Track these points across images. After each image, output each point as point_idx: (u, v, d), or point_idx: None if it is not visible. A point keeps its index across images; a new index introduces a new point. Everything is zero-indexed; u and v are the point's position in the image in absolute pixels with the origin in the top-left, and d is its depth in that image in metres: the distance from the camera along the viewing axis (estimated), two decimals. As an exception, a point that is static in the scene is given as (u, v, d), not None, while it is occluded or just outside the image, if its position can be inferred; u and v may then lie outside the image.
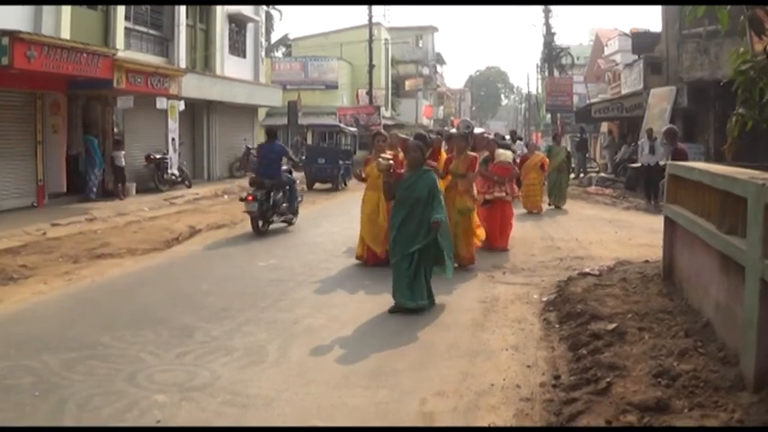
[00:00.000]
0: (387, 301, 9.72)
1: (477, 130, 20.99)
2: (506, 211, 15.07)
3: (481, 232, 13.69)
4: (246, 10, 34.80)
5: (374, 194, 12.53)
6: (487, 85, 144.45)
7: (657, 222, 11.71)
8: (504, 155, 15.58)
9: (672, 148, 17.10)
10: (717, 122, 23.91)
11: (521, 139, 35.12)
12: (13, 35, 17.25)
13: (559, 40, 54.86)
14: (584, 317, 8.35)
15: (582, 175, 36.18)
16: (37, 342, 8.04)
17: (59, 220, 17.72)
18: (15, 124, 20.39)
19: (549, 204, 22.92)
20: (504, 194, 14.90)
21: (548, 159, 22.48)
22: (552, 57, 52.98)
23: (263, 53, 38.85)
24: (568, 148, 26.97)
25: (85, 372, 7.07)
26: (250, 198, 16.66)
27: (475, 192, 13.35)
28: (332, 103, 50.44)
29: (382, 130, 15.33)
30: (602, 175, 34.37)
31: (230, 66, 33.32)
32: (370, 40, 50.21)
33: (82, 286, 11.36)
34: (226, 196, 26.52)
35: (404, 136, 15.23)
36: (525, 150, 24.12)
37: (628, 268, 11.12)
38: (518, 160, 20.38)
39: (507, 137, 29.07)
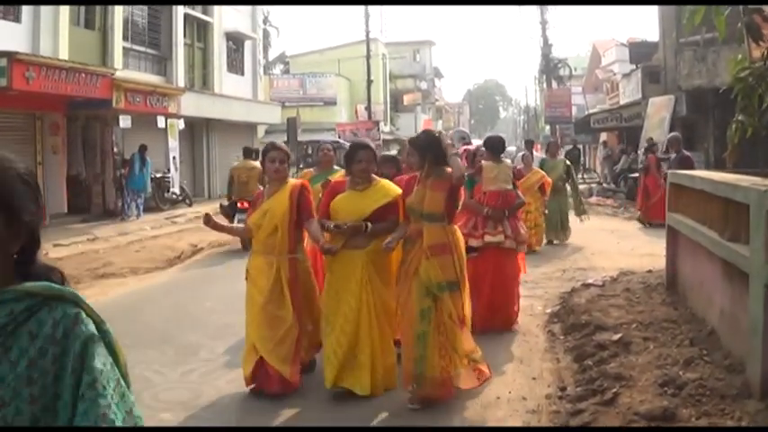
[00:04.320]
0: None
1: (475, 143, 18.65)
2: (505, 268, 9.43)
3: (468, 344, 6.96)
4: (244, 28, 34.85)
5: (266, 261, 7.00)
6: (486, 98, 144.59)
7: (659, 232, 11.70)
8: (499, 170, 9.64)
9: (678, 155, 17.08)
10: (716, 130, 23.90)
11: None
12: (11, 56, 17.29)
13: (557, 52, 54.98)
14: (588, 328, 8.35)
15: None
16: (41, 363, 8.03)
17: (61, 241, 17.71)
18: (15, 145, 20.32)
19: (548, 241, 17.18)
20: (501, 238, 9.27)
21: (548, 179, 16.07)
22: (550, 68, 53.05)
23: (261, 71, 38.90)
24: (567, 162, 18.35)
25: (90, 391, 7.06)
26: None
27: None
28: (331, 119, 50.39)
29: (328, 145, 10.98)
30: (603, 185, 34.37)
31: (229, 84, 33.32)
32: (368, 56, 50.18)
33: (85, 306, 11.34)
34: (227, 214, 26.52)
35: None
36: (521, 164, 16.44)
37: (631, 278, 11.11)
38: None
39: (512, 148, 26.74)
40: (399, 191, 7.11)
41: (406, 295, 6.78)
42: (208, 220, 6.96)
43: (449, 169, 6.96)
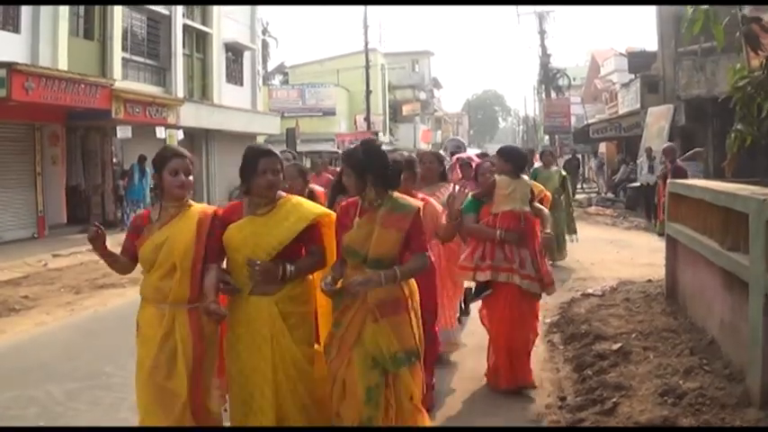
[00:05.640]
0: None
1: (471, 152, 17.47)
2: (524, 312, 7.24)
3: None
4: (243, 38, 34.90)
5: (157, 313, 5.02)
6: (484, 109, 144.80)
7: (658, 241, 11.67)
8: (516, 187, 7.29)
9: (671, 166, 17.09)
10: (715, 139, 23.91)
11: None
12: (10, 67, 17.33)
13: (555, 62, 55.09)
14: (588, 337, 8.33)
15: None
16: (40, 372, 8.03)
17: (60, 251, 17.71)
18: (15, 156, 20.44)
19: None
20: (513, 277, 7.10)
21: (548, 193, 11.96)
22: (549, 78, 53.12)
23: (260, 81, 38.94)
24: (563, 171, 16.51)
25: (90, 401, 7.07)
26: None
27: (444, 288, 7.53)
28: (330, 129, 50.43)
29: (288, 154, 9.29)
30: (603, 195, 34.39)
31: (228, 94, 33.40)
32: (367, 66, 50.26)
33: (84, 316, 11.36)
34: (226, 224, 26.54)
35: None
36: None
37: (630, 288, 11.09)
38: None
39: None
40: (319, 210, 5.29)
41: (344, 369, 5.00)
42: (95, 235, 5.13)
43: (413, 200, 5.33)
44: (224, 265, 5.17)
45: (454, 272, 7.76)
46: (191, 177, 5.08)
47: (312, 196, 6.56)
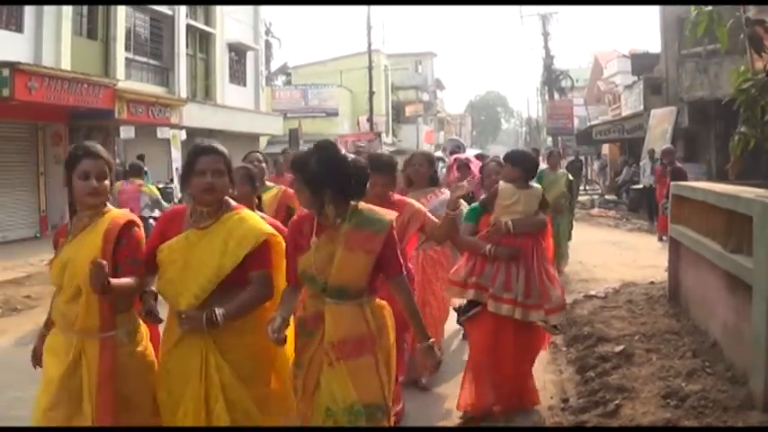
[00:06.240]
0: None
1: (470, 153, 17.12)
2: (510, 341, 6.25)
3: None
4: (246, 39, 34.92)
5: (64, 342, 4.24)
6: (487, 110, 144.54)
7: (661, 243, 11.63)
8: (522, 197, 6.27)
9: (670, 167, 17.09)
10: (718, 142, 23.93)
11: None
12: (13, 66, 17.33)
13: (559, 63, 55.00)
14: (591, 339, 8.32)
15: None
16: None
17: (62, 251, 17.72)
18: (17, 156, 20.49)
19: None
20: (489, 301, 6.19)
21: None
22: (552, 80, 53.06)
23: (263, 81, 38.95)
24: (569, 175, 14.70)
25: (91, 402, 7.06)
26: None
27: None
28: (333, 130, 50.29)
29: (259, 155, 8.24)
30: (606, 197, 34.35)
31: (231, 94, 33.38)
32: (370, 67, 50.19)
33: (86, 317, 11.36)
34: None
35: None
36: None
37: (633, 290, 11.06)
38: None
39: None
40: (266, 230, 4.32)
41: (308, 418, 4.24)
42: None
43: (384, 212, 4.31)
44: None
45: (437, 287, 7.37)
46: (106, 182, 4.19)
47: (260, 204, 5.92)
